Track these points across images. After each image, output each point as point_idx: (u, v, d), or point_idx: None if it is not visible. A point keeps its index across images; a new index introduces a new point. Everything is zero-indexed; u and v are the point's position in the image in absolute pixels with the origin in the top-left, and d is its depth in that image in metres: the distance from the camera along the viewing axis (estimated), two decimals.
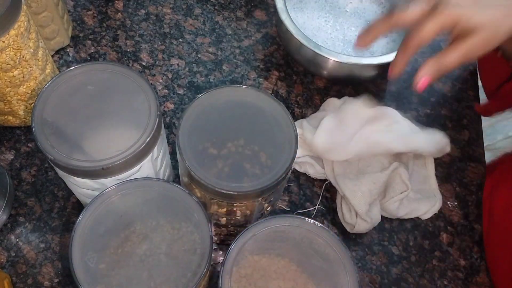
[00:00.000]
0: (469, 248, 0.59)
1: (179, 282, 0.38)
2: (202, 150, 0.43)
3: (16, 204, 0.56)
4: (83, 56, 0.67)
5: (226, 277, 0.40)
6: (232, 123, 0.46)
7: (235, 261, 0.40)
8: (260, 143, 0.44)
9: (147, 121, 0.44)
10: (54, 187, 0.57)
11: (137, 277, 0.38)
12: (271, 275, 0.41)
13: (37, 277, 0.52)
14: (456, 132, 0.68)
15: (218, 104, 0.46)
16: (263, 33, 0.72)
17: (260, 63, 0.70)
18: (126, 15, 0.71)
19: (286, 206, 0.59)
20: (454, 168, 0.65)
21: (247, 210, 0.46)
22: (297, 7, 0.69)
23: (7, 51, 0.47)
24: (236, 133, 0.45)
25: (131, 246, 0.40)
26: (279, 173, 0.42)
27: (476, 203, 0.63)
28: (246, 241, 0.41)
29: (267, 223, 0.42)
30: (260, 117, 0.46)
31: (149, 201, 0.41)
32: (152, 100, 0.45)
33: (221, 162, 0.43)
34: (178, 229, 0.41)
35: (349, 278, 0.41)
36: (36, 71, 0.53)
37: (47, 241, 0.54)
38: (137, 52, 0.68)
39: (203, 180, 0.41)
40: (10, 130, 0.60)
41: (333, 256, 0.42)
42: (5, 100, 0.53)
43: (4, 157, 0.58)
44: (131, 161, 0.43)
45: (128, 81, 0.46)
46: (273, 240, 0.42)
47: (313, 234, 0.42)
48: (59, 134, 0.42)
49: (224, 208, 0.45)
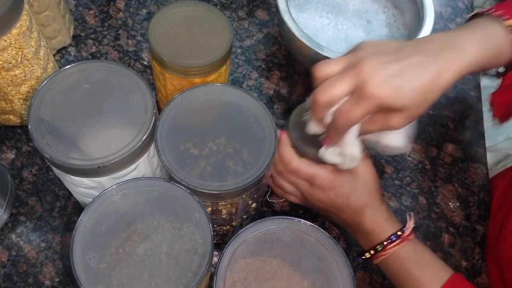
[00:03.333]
0: (470, 249, 0.59)
1: (180, 282, 0.38)
2: (184, 151, 0.43)
3: (17, 203, 0.56)
4: (85, 55, 0.67)
5: (220, 283, 0.40)
6: (212, 122, 0.46)
7: (228, 266, 0.41)
8: (241, 140, 0.45)
9: (144, 119, 0.44)
10: (55, 187, 0.57)
11: (138, 276, 0.38)
12: (264, 276, 0.41)
13: (38, 276, 0.52)
14: (458, 133, 0.68)
15: (195, 104, 0.46)
16: (264, 33, 0.72)
17: (261, 63, 0.69)
18: (128, 15, 0.71)
19: (287, 206, 0.59)
20: (455, 169, 0.65)
21: (232, 208, 0.46)
22: (299, 7, 0.68)
23: (9, 50, 0.47)
24: (217, 132, 0.45)
25: (132, 245, 0.40)
26: (261, 168, 0.43)
27: (477, 204, 0.62)
28: (238, 247, 0.41)
29: (256, 227, 0.42)
30: (239, 114, 0.46)
31: (150, 201, 0.41)
32: (149, 99, 0.45)
33: (204, 162, 0.43)
34: (179, 229, 0.40)
35: (343, 274, 0.41)
36: (38, 70, 0.53)
37: (48, 240, 0.54)
38: (139, 52, 0.68)
39: (184, 181, 0.41)
40: (11, 129, 0.60)
41: (325, 253, 0.42)
42: (7, 99, 0.53)
43: (5, 156, 0.58)
44: (128, 159, 0.43)
45: (125, 79, 0.46)
46: (264, 242, 0.42)
47: (304, 234, 0.43)
48: (55, 132, 0.42)
49: (208, 208, 0.45)
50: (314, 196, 0.50)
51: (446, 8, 0.80)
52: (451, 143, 0.67)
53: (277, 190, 0.54)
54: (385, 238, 0.48)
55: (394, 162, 0.64)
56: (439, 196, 0.63)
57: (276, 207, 0.59)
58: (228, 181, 0.42)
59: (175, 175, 0.41)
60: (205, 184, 0.42)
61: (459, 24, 0.79)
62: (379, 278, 0.56)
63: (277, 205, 0.59)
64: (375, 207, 0.49)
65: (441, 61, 0.41)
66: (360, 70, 0.40)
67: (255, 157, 0.44)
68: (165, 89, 0.54)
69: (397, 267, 0.48)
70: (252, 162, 0.43)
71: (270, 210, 0.59)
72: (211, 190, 0.41)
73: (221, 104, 0.47)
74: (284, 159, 0.49)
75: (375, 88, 0.39)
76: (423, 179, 0.64)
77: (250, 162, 0.43)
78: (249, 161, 0.44)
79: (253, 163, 0.43)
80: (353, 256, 0.57)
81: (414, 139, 0.47)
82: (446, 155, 0.66)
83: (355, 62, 0.41)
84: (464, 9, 0.80)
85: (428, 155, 0.65)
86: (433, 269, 0.47)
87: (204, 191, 0.41)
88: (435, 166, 0.65)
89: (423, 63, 0.41)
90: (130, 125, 0.43)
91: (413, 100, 0.40)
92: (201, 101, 0.46)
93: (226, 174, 0.43)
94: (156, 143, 0.43)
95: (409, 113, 0.41)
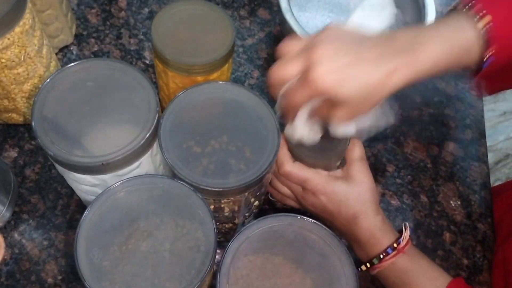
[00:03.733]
0: (472, 247, 0.59)
1: (183, 279, 0.38)
2: (186, 148, 0.44)
3: (19, 201, 0.56)
4: (87, 54, 0.67)
5: (224, 280, 0.40)
6: (214, 120, 0.46)
7: (231, 264, 0.41)
8: (243, 139, 0.45)
9: (147, 117, 0.44)
10: (58, 185, 0.57)
11: (141, 274, 0.38)
12: (267, 274, 0.42)
13: (40, 274, 0.52)
14: (459, 131, 0.68)
15: (197, 102, 0.46)
16: (266, 32, 0.72)
17: (263, 62, 0.70)
18: (130, 14, 0.71)
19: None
20: (457, 167, 0.65)
21: (235, 206, 0.46)
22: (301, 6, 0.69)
23: (12, 48, 0.48)
24: (219, 130, 0.45)
25: (136, 243, 0.40)
26: (263, 166, 0.43)
27: (479, 202, 0.63)
28: (240, 244, 0.42)
29: (259, 224, 0.42)
30: (241, 112, 0.46)
31: (154, 198, 0.41)
32: (152, 96, 0.45)
33: (206, 160, 0.43)
34: (182, 226, 0.41)
35: (346, 271, 0.41)
36: (41, 68, 0.53)
37: (50, 238, 0.54)
38: (141, 51, 0.68)
39: (187, 178, 0.41)
40: (14, 127, 0.60)
41: (328, 250, 0.42)
42: (10, 98, 0.53)
43: (8, 155, 0.59)
44: (131, 157, 0.43)
45: (128, 77, 0.46)
46: (267, 240, 0.42)
47: (306, 231, 0.43)
48: (59, 130, 0.42)
49: (211, 206, 0.45)
50: (307, 201, 0.49)
51: (447, 8, 0.80)
52: (452, 141, 0.67)
53: (274, 193, 0.54)
54: (381, 251, 0.47)
55: (395, 161, 0.65)
56: (440, 194, 0.63)
57: (278, 204, 0.59)
58: (231, 179, 0.42)
59: (178, 172, 0.41)
60: (208, 181, 0.42)
61: None
62: None
63: (279, 203, 0.59)
64: (369, 217, 0.47)
65: (395, 62, 0.39)
66: (312, 54, 0.39)
67: (258, 155, 0.44)
68: (167, 88, 0.54)
69: (394, 278, 0.47)
70: (255, 160, 0.43)
71: (272, 207, 0.59)
72: (214, 187, 0.41)
73: (223, 102, 0.47)
74: (278, 162, 0.48)
75: (319, 76, 0.38)
76: (424, 178, 0.64)
77: (253, 160, 0.44)
78: (252, 159, 0.44)
79: (255, 161, 0.43)
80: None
81: (394, 115, 0.45)
82: (447, 153, 0.66)
83: (312, 44, 0.39)
84: None
85: (429, 153, 0.66)
86: (431, 277, 0.47)
87: (207, 189, 0.41)
88: (436, 165, 0.65)
89: (376, 61, 0.39)
90: (134, 123, 0.43)
91: (355, 97, 0.39)
92: (203, 99, 0.46)
93: (229, 172, 0.43)
94: (159, 141, 0.43)
95: (350, 109, 0.39)
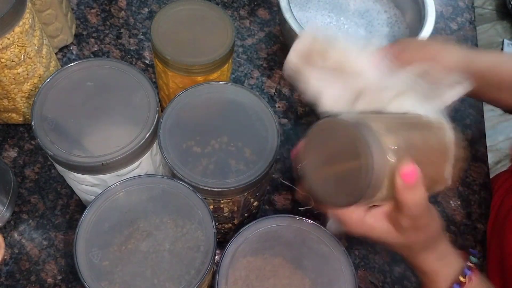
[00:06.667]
0: (471, 248, 0.59)
1: (182, 279, 0.38)
2: (186, 148, 0.44)
3: (19, 201, 0.56)
4: (86, 54, 0.67)
5: (222, 281, 0.40)
6: (214, 120, 0.46)
7: (230, 264, 0.41)
8: (243, 139, 0.45)
9: (147, 117, 0.44)
10: (57, 185, 0.57)
11: (140, 274, 0.38)
12: (266, 275, 0.42)
13: (40, 274, 0.52)
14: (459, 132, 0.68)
15: (197, 102, 0.46)
16: (266, 31, 0.72)
17: (263, 62, 0.70)
18: (130, 13, 0.71)
19: (289, 204, 0.59)
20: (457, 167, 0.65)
21: (234, 206, 0.46)
22: (301, 6, 0.69)
23: (12, 48, 0.48)
24: (219, 130, 0.45)
25: (135, 243, 0.40)
26: (263, 166, 0.43)
27: (478, 202, 0.63)
28: (239, 245, 0.42)
29: (258, 225, 0.42)
30: (241, 112, 0.46)
31: (153, 198, 0.41)
32: (152, 96, 0.45)
33: (206, 160, 0.43)
34: (182, 226, 0.41)
35: (345, 272, 0.41)
36: (40, 68, 0.53)
37: (50, 238, 0.54)
38: (140, 50, 0.68)
39: (187, 178, 0.41)
40: (14, 127, 0.60)
41: (327, 251, 0.42)
42: (9, 97, 0.53)
43: (8, 155, 0.58)
44: (131, 157, 0.43)
45: (128, 77, 0.46)
46: (265, 240, 0.42)
47: (306, 232, 0.43)
48: (58, 130, 0.43)
49: (210, 206, 0.45)
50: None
51: (447, 8, 0.80)
52: None
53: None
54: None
55: None
56: (440, 194, 0.63)
57: (278, 205, 0.59)
58: (230, 179, 0.42)
59: (177, 172, 0.41)
60: (207, 181, 0.42)
61: (460, 23, 0.79)
62: (380, 276, 0.56)
63: (278, 203, 0.59)
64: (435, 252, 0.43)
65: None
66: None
67: (257, 155, 0.44)
68: (167, 88, 0.54)
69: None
70: (254, 160, 0.43)
71: (272, 208, 0.59)
72: (213, 187, 0.41)
73: (223, 102, 0.47)
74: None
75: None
76: None
77: (252, 160, 0.44)
78: (251, 159, 0.44)
79: (255, 161, 0.43)
80: (355, 255, 0.57)
81: None
82: None
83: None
84: (465, 8, 0.81)
85: None
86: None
87: (206, 188, 0.41)
88: None
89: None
90: (133, 123, 0.43)
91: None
92: (203, 99, 0.46)
93: (228, 172, 0.43)
94: (159, 141, 0.43)
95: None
